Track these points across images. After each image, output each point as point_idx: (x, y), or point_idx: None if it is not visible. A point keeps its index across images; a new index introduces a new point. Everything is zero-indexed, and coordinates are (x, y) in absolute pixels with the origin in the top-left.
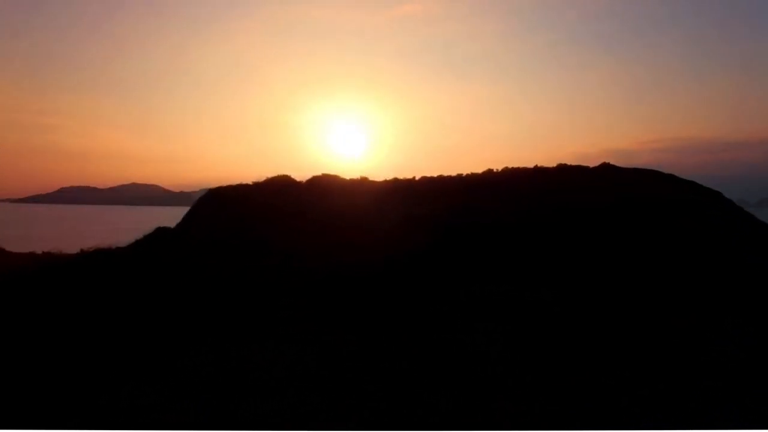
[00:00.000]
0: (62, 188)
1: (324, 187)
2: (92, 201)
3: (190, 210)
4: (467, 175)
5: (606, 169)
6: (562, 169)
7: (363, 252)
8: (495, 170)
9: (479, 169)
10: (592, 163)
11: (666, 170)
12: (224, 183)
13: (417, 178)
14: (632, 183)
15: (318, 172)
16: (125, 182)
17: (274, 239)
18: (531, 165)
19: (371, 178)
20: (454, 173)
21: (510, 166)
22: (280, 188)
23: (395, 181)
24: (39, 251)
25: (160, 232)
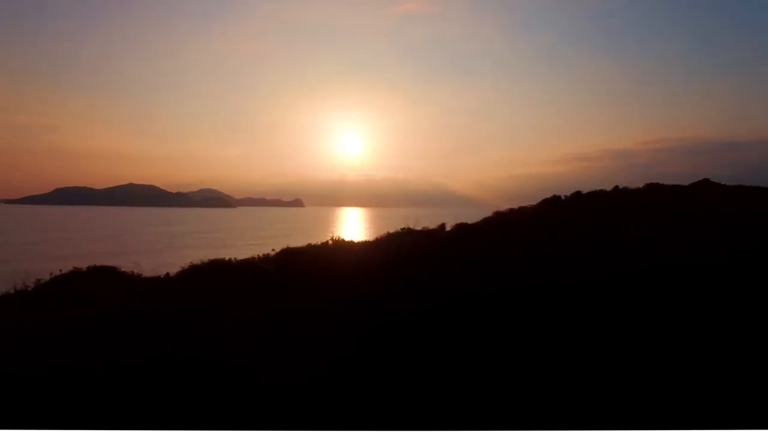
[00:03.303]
0: (58, 189)
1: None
2: (89, 202)
3: None
4: (510, 212)
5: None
6: (654, 192)
7: None
8: (563, 198)
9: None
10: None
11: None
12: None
13: (447, 228)
14: None
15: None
16: (122, 183)
17: None
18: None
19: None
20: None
21: (582, 190)
22: None
23: (402, 243)
24: None
25: None
